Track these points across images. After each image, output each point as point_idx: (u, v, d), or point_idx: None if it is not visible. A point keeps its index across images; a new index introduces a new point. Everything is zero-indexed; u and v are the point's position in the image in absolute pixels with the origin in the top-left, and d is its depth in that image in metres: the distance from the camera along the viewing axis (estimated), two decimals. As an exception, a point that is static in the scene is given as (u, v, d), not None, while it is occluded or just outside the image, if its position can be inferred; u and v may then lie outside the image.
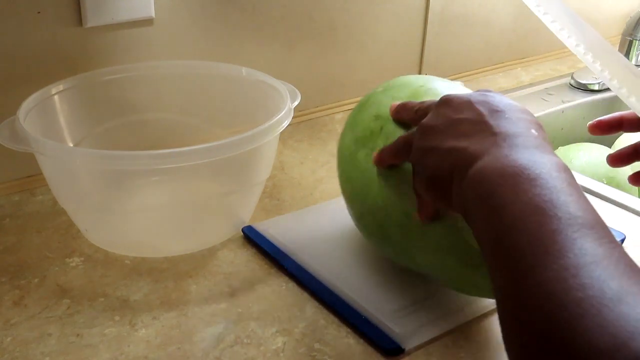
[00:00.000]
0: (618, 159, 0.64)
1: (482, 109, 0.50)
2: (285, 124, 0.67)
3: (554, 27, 0.66)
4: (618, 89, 0.63)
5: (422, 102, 0.57)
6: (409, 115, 0.58)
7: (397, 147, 0.57)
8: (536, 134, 0.48)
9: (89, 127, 0.77)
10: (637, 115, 0.63)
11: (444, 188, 0.49)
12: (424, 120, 0.52)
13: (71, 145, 0.74)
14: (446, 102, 0.52)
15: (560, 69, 1.24)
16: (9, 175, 0.80)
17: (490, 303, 0.62)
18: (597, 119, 0.63)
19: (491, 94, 0.52)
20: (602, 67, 0.63)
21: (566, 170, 0.44)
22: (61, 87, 0.73)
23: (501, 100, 0.51)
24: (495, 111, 0.49)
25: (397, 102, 0.60)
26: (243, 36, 0.92)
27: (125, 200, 0.70)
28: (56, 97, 0.73)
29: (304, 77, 1.00)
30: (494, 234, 0.42)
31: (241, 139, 0.62)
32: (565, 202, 0.41)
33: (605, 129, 0.64)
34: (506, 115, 0.49)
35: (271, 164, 0.73)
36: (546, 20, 0.66)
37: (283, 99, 0.70)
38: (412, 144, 0.53)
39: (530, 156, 0.44)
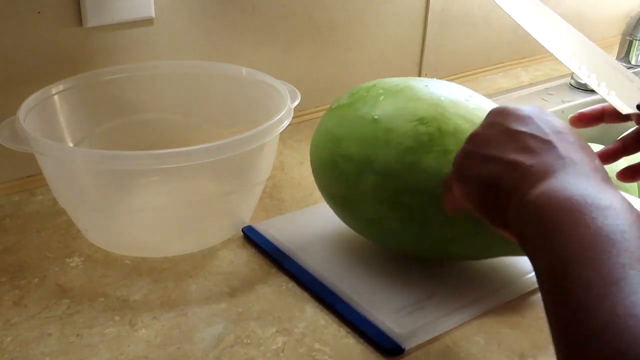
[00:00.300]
0: (607, 156, 0.64)
1: (545, 127, 0.48)
2: (285, 123, 0.67)
3: (527, 26, 0.66)
4: (596, 85, 0.63)
5: None
6: None
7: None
8: (600, 166, 0.46)
9: (89, 127, 0.77)
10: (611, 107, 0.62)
11: (498, 203, 0.47)
12: (476, 130, 0.50)
13: (71, 145, 0.74)
14: (502, 112, 0.50)
15: (560, 69, 1.24)
16: (9, 175, 0.80)
17: (490, 303, 0.62)
18: (578, 112, 0.62)
19: (548, 112, 0.50)
20: (579, 63, 0.62)
21: (632, 208, 0.41)
22: (61, 87, 0.73)
23: (561, 122, 0.49)
24: (560, 133, 0.48)
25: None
26: (243, 36, 0.92)
27: (125, 200, 0.70)
28: (56, 97, 0.73)
29: (304, 77, 1.00)
30: (557, 261, 0.39)
31: (241, 139, 0.62)
32: (635, 237, 0.38)
33: (587, 122, 0.62)
34: (570, 140, 0.47)
35: (271, 164, 0.73)
36: (519, 19, 0.66)
37: (283, 99, 0.70)
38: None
39: (599, 188, 0.43)
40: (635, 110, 0.63)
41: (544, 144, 0.46)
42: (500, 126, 0.49)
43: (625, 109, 0.62)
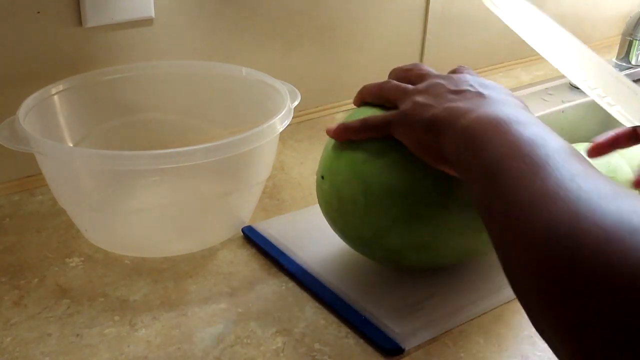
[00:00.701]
0: (600, 148, 0.65)
1: (477, 85, 0.56)
2: (285, 123, 0.67)
3: (528, 39, 0.70)
4: (602, 98, 0.65)
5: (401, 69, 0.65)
6: (393, 92, 0.61)
7: (383, 120, 0.58)
8: (525, 107, 0.54)
9: (89, 127, 0.77)
10: (629, 129, 0.64)
11: (437, 140, 0.53)
12: (420, 85, 0.58)
13: (71, 145, 0.74)
14: (445, 77, 0.58)
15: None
16: (9, 175, 0.80)
17: (490, 304, 0.62)
18: (594, 142, 0.64)
19: (481, 77, 0.58)
20: (585, 76, 0.65)
21: (549, 129, 0.47)
22: (61, 87, 0.73)
23: (491, 82, 0.57)
24: (490, 87, 0.56)
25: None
26: (243, 36, 0.92)
27: (125, 200, 0.70)
28: (56, 97, 0.73)
29: (304, 77, 1.00)
30: (488, 168, 0.45)
31: (241, 139, 0.62)
32: (551, 138, 0.45)
33: (605, 150, 0.65)
34: (501, 92, 0.55)
35: (271, 164, 0.73)
36: (520, 32, 0.69)
37: (283, 99, 0.70)
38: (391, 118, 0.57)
39: (522, 112, 0.50)
40: None
41: (477, 95, 0.54)
42: (441, 87, 0.56)
43: (631, 121, 0.63)
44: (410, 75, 0.61)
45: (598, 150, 0.64)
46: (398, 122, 0.57)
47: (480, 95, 0.54)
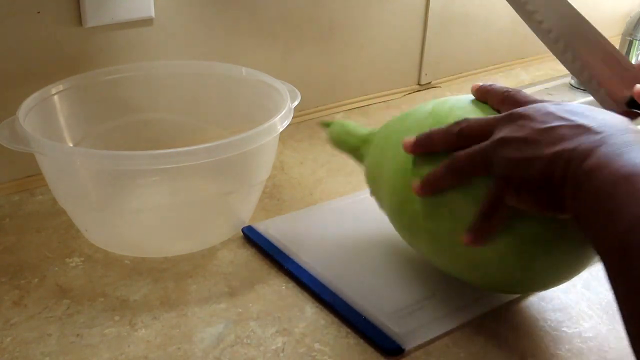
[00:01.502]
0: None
1: (568, 115, 0.49)
2: (285, 123, 0.67)
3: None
4: (588, 81, 0.63)
5: (510, 90, 0.56)
6: (496, 100, 0.56)
7: (470, 161, 0.53)
8: (635, 127, 0.47)
9: (89, 127, 0.77)
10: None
11: (553, 195, 0.48)
12: (503, 134, 0.51)
13: (71, 145, 0.74)
14: (523, 115, 0.51)
15: (560, 69, 1.23)
16: (9, 175, 0.80)
17: (490, 304, 0.62)
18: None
19: (559, 102, 0.51)
20: (572, 55, 0.64)
21: None
22: (61, 87, 0.73)
23: (575, 105, 0.50)
24: (583, 114, 0.49)
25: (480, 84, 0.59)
26: (243, 36, 0.92)
27: (125, 200, 0.70)
28: (56, 97, 0.73)
29: (304, 77, 1.00)
30: (618, 231, 0.40)
31: (241, 138, 0.62)
32: None
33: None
34: (597, 116, 0.49)
35: (271, 163, 0.73)
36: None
37: (283, 99, 0.70)
38: (488, 159, 0.51)
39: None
40: (625, 108, 0.62)
41: (575, 128, 0.47)
42: (528, 129, 0.49)
43: (612, 108, 0.62)
44: (474, 129, 0.54)
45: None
46: (502, 190, 0.51)
47: (581, 127, 0.47)
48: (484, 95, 0.58)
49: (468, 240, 0.53)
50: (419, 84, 1.15)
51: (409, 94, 1.13)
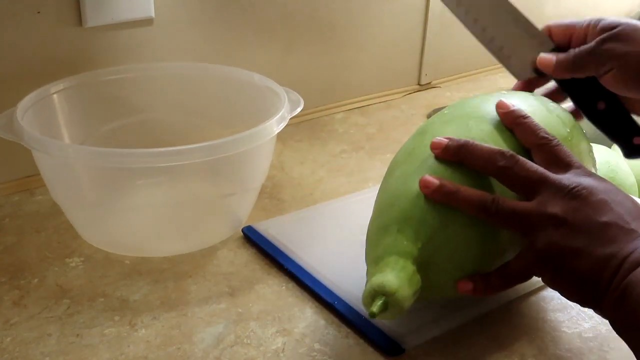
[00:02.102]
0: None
1: (623, 213, 0.50)
2: (282, 125, 0.67)
3: None
4: (498, 50, 0.70)
5: (548, 137, 0.55)
6: (528, 140, 0.55)
7: (509, 217, 0.51)
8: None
9: (88, 128, 0.77)
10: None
11: (594, 293, 0.49)
12: (556, 211, 0.50)
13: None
14: (578, 195, 0.50)
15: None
16: (8, 175, 0.80)
17: (490, 304, 0.62)
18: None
19: (614, 188, 0.52)
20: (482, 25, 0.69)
21: None
22: (60, 87, 0.73)
23: (632, 202, 0.51)
24: (632, 213, 0.50)
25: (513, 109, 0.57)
26: (243, 36, 0.92)
27: (122, 200, 0.70)
28: (55, 96, 0.73)
29: (303, 77, 1.00)
30: None
31: (238, 138, 0.62)
32: None
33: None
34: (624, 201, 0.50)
35: (269, 164, 0.73)
36: None
37: (281, 100, 0.70)
38: (532, 227, 0.51)
39: None
40: (533, 75, 0.67)
41: (629, 234, 0.49)
42: (582, 215, 0.49)
43: (521, 75, 0.67)
44: (520, 177, 0.52)
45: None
46: (538, 268, 0.51)
47: (634, 233, 0.49)
48: (512, 125, 0.56)
49: (466, 288, 0.53)
50: (419, 84, 1.15)
51: (409, 94, 1.13)
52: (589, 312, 0.62)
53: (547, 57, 0.65)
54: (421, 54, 1.13)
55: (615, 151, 1.07)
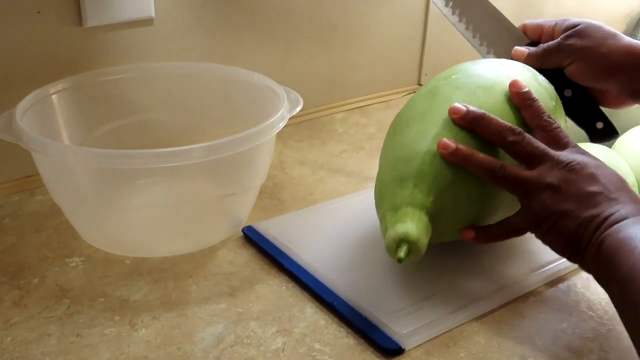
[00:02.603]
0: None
1: (605, 182, 0.57)
2: (282, 125, 0.67)
3: None
4: (481, 45, 0.80)
5: (550, 121, 0.62)
6: (533, 121, 0.62)
7: (512, 181, 0.59)
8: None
9: (88, 128, 0.77)
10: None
11: (577, 250, 0.56)
12: (552, 180, 0.57)
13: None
14: (573, 169, 0.58)
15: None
16: (8, 175, 0.80)
17: (490, 304, 0.62)
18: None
19: (597, 161, 0.59)
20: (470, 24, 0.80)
21: None
22: (59, 87, 0.73)
23: (616, 177, 0.58)
24: (620, 190, 0.57)
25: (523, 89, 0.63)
26: (243, 36, 0.92)
27: (122, 201, 0.70)
28: (54, 96, 0.73)
29: (303, 77, 1.00)
30: (620, 288, 0.51)
31: (237, 138, 0.62)
32: None
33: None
34: (627, 195, 0.57)
35: (268, 164, 0.73)
36: None
37: (280, 101, 0.70)
38: (530, 192, 0.58)
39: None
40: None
41: (610, 200, 0.56)
42: (574, 186, 0.57)
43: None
44: (526, 152, 0.60)
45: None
46: (532, 226, 0.59)
47: (614, 200, 0.56)
48: (521, 104, 0.63)
49: (469, 236, 0.62)
50: (419, 84, 1.15)
51: (409, 94, 1.13)
52: (589, 312, 0.62)
53: (520, 50, 0.75)
54: (421, 54, 1.13)
55: (615, 151, 1.07)
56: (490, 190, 0.61)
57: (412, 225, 0.58)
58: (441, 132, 0.61)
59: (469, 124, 0.61)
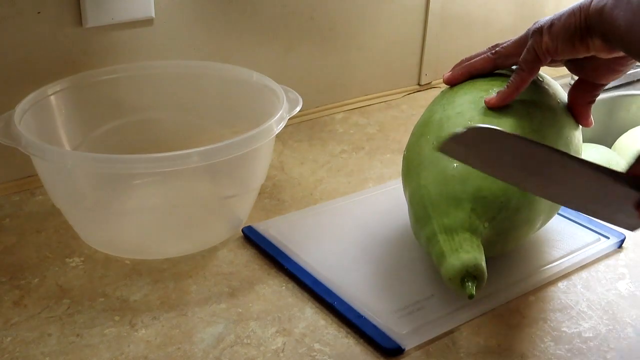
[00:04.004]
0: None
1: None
2: (281, 126, 0.67)
3: None
4: None
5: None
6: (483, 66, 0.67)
7: (529, 61, 0.62)
8: None
9: (87, 128, 0.77)
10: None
11: (579, 34, 0.59)
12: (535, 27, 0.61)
13: (68, 147, 0.74)
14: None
15: (561, 68, 1.24)
16: (9, 175, 0.80)
17: (490, 303, 0.62)
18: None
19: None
20: None
21: None
22: (58, 88, 0.73)
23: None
24: None
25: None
26: (243, 36, 0.92)
27: (121, 203, 0.70)
28: (52, 97, 0.72)
29: (303, 77, 1.00)
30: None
31: (236, 142, 0.62)
32: None
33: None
34: None
35: (268, 165, 0.73)
36: None
37: (279, 101, 0.70)
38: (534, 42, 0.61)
39: None
40: None
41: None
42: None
43: None
44: (509, 48, 0.65)
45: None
46: (539, 40, 0.61)
47: None
48: (472, 74, 0.68)
49: (495, 99, 0.62)
50: (419, 84, 1.15)
51: (409, 94, 1.13)
52: (589, 312, 0.62)
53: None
54: (421, 54, 1.13)
55: (616, 151, 1.07)
56: (534, 205, 0.59)
57: (478, 255, 0.55)
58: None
59: (463, 77, 0.68)
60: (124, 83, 0.79)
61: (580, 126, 0.68)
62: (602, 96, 1.15)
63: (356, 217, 0.75)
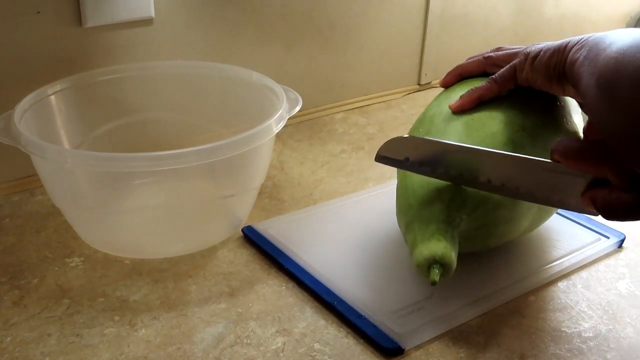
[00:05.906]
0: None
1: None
2: (281, 125, 0.67)
3: None
4: None
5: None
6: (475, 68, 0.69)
7: (505, 78, 0.63)
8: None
9: (87, 128, 0.77)
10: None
11: (559, 67, 0.58)
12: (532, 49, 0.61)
13: (68, 146, 0.74)
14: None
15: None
16: (9, 175, 0.80)
17: (490, 304, 0.62)
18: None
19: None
20: None
21: None
22: (58, 88, 0.73)
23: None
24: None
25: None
26: (243, 36, 0.92)
27: (120, 202, 0.70)
28: (52, 97, 0.73)
29: (303, 77, 1.01)
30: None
31: (235, 141, 0.62)
32: None
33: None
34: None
35: (267, 165, 0.73)
36: None
37: (279, 101, 0.70)
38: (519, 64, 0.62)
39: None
40: None
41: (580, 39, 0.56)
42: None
43: None
44: (500, 57, 0.66)
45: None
46: (522, 65, 0.61)
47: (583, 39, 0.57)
48: (463, 76, 0.69)
49: (457, 104, 0.64)
50: (419, 84, 1.15)
51: (409, 94, 1.13)
52: (589, 311, 0.62)
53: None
54: (421, 54, 1.13)
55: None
56: (518, 204, 0.60)
57: (449, 245, 0.57)
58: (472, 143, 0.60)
59: (456, 78, 0.69)
60: (123, 83, 0.79)
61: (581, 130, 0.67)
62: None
63: (356, 217, 0.75)
